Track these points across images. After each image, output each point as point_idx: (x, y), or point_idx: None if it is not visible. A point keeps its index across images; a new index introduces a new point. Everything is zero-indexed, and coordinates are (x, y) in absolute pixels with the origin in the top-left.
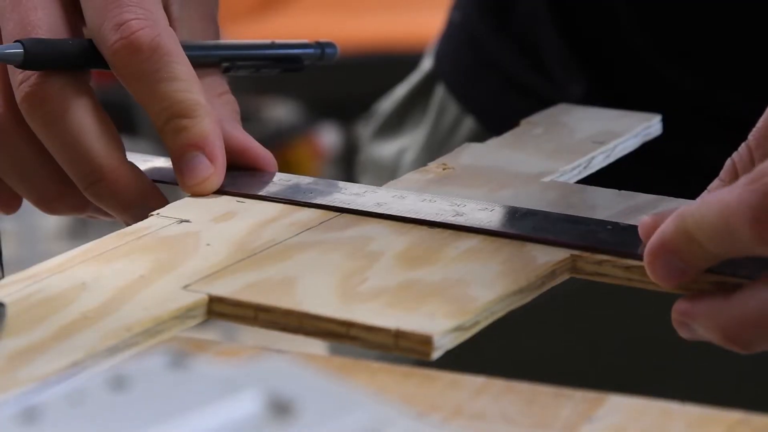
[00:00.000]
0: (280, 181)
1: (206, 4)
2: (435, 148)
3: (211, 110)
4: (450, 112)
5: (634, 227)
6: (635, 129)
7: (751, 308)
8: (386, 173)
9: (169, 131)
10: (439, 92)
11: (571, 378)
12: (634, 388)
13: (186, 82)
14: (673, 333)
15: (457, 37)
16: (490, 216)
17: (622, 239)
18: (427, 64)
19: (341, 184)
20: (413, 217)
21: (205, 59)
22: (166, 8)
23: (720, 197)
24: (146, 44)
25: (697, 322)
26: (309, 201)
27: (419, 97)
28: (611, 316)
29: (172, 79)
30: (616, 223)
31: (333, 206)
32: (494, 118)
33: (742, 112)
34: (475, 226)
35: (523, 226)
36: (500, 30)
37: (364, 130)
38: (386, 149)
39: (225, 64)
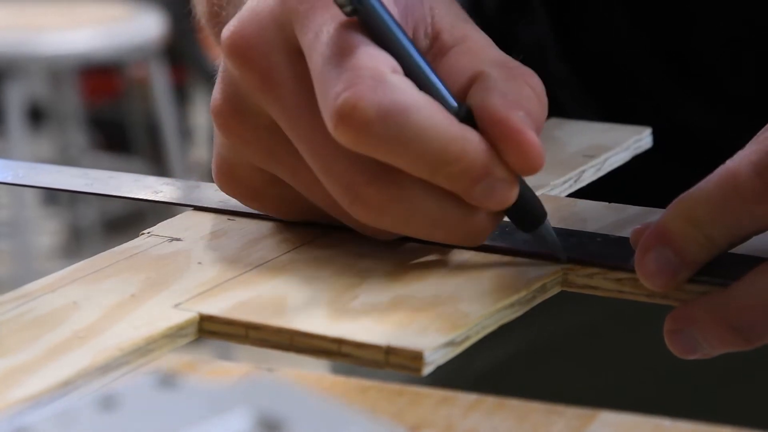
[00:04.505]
0: None
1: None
2: None
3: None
4: None
5: (625, 239)
6: (626, 142)
7: (754, 290)
8: None
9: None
10: None
11: (562, 395)
12: (625, 405)
13: (438, 129)
14: (664, 349)
15: None
16: None
17: (613, 252)
18: None
19: None
20: None
21: None
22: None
23: (720, 169)
24: (373, 115)
25: (696, 321)
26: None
27: None
28: (602, 333)
29: (422, 136)
30: (606, 236)
31: (323, 223)
32: None
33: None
34: None
35: (514, 240)
36: None
37: None
38: None
39: None
